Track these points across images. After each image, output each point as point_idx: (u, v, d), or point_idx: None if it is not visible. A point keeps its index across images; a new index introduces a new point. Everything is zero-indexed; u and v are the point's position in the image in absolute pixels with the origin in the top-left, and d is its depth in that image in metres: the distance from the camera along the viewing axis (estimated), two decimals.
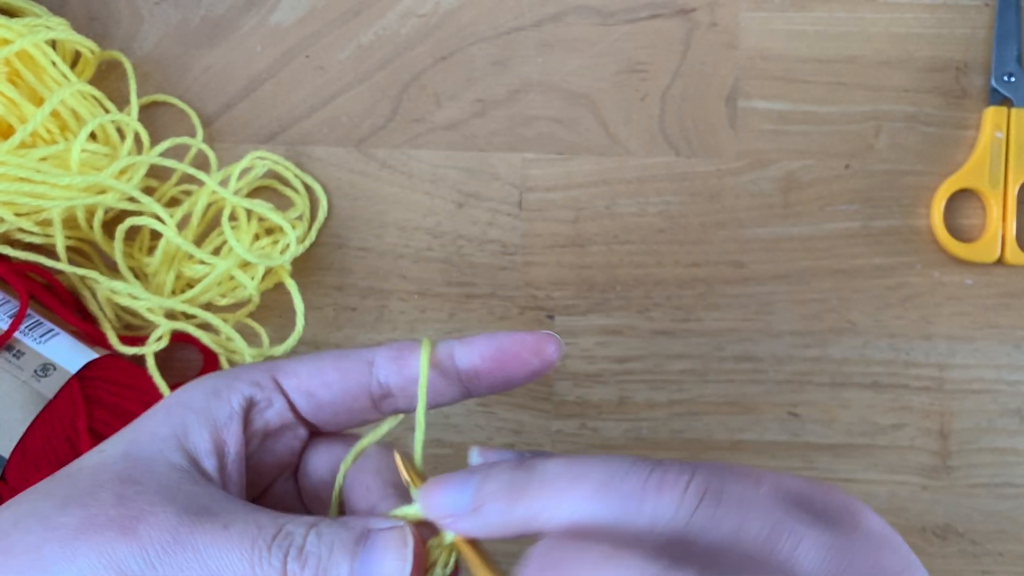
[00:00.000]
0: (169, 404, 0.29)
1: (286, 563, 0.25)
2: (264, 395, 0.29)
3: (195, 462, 0.28)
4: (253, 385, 0.29)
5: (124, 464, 0.27)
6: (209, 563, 0.25)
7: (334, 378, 0.29)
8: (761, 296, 0.48)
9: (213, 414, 0.28)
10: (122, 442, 0.28)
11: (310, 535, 0.26)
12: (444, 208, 0.48)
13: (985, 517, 0.46)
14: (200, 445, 0.28)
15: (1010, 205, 0.47)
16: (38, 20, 0.45)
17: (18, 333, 0.42)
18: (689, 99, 0.49)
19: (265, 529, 0.25)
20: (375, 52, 0.49)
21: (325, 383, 0.30)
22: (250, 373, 0.30)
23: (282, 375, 0.30)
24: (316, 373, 0.30)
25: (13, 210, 0.43)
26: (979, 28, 0.49)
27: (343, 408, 0.30)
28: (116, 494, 0.26)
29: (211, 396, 0.29)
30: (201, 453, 0.28)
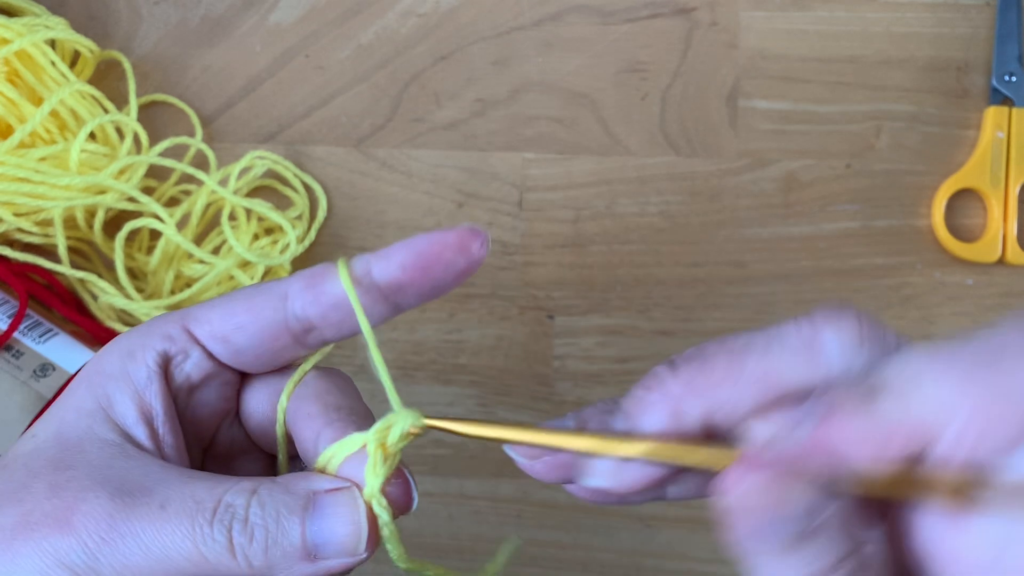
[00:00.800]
0: (89, 374, 0.27)
1: (231, 537, 0.24)
2: (178, 347, 0.28)
3: (125, 433, 0.26)
4: (165, 339, 0.27)
5: (56, 448, 0.26)
6: (152, 548, 0.24)
7: (247, 319, 0.27)
8: (762, 296, 0.47)
9: (132, 378, 0.27)
10: (52, 422, 0.27)
11: (252, 505, 0.24)
12: (444, 208, 0.48)
13: None
14: (127, 414, 0.27)
15: (1011, 205, 0.47)
16: (37, 20, 0.45)
17: (17, 333, 0.42)
18: (689, 99, 0.49)
19: (203, 504, 0.24)
20: (375, 52, 0.49)
21: (238, 326, 0.27)
22: (161, 326, 0.28)
23: (193, 323, 0.28)
24: (227, 317, 0.27)
25: (12, 210, 0.43)
26: (980, 28, 0.49)
27: (264, 350, 0.28)
28: (49, 484, 0.25)
29: (126, 358, 0.27)
30: (129, 423, 0.27)
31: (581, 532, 0.47)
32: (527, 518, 0.47)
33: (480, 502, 0.47)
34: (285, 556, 0.24)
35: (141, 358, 0.27)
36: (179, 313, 0.28)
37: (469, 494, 0.47)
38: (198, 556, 0.24)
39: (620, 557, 0.48)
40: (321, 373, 0.29)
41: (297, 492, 0.25)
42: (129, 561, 0.24)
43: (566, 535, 0.47)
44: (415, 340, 0.47)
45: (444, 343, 0.47)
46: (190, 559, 0.24)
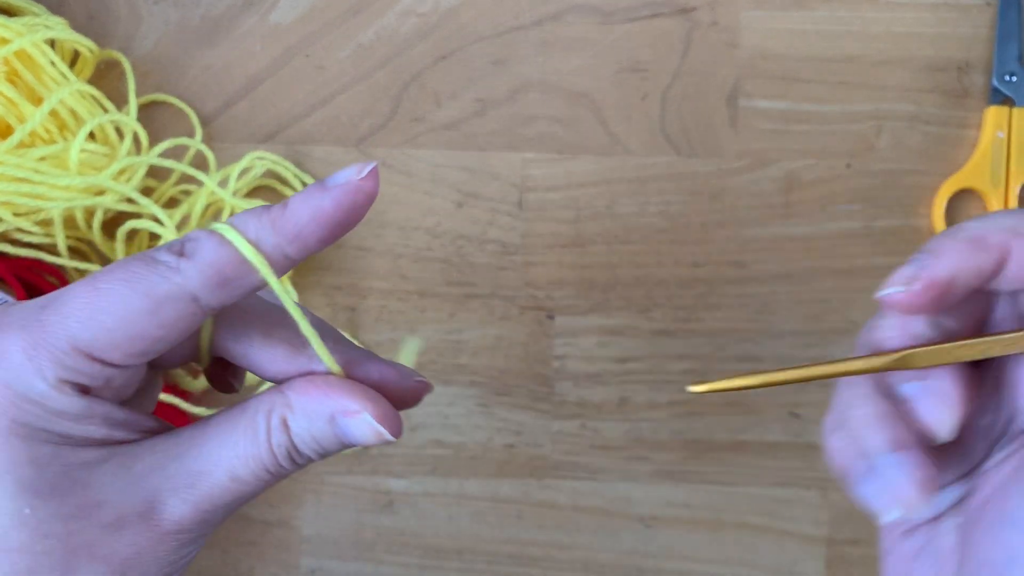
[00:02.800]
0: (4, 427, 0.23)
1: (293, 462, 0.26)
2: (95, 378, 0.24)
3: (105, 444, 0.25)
4: (73, 373, 0.24)
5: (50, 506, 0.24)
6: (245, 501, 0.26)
7: (162, 334, 0.24)
8: (762, 296, 0.47)
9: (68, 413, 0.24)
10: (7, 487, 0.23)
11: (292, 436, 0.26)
12: (444, 208, 0.48)
13: None
14: (91, 432, 0.25)
15: (1011, 205, 0.47)
16: (37, 19, 0.45)
17: None
18: (690, 98, 0.48)
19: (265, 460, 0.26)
20: (375, 51, 0.49)
21: (156, 340, 0.24)
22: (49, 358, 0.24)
23: (97, 352, 0.24)
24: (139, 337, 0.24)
25: (12, 210, 0.43)
26: (980, 27, 0.48)
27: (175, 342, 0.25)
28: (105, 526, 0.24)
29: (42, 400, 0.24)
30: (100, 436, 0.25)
31: (581, 532, 0.47)
32: (527, 518, 0.47)
33: (480, 502, 0.47)
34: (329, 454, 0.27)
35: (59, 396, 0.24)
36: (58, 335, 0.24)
37: (469, 494, 0.47)
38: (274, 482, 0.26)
39: (620, 557, 0.48)
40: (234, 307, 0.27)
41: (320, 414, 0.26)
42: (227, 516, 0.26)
43: (566, 535, 0.47)
44: None
45: (444, 343, 0.47)
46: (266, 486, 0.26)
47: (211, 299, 0.24)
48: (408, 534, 0.47)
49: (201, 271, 0.24)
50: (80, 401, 0.24)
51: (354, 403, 0.26)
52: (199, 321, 0.25)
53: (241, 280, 0.25)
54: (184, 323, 0.24)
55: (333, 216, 0.25)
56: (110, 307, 0.24)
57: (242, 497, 0.26)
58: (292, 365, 0.27)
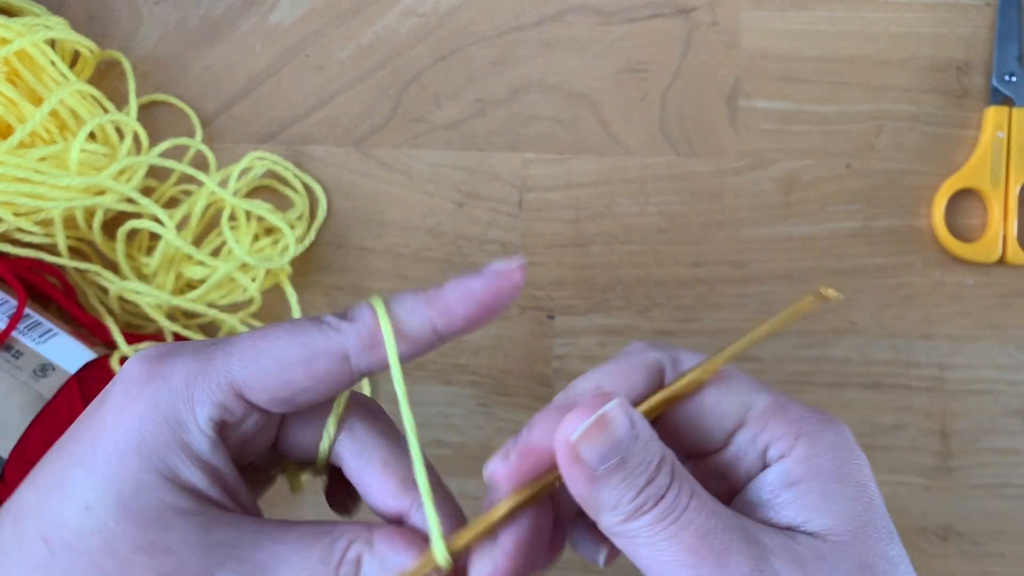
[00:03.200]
0: (135, 445, 0.25)
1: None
2: (235, 416, 0.26)
3: (201, 498, 0.25)
4: (219, 408, 0.26)
5: (134, 528, 0.24)
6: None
7: (311, 385, 0.26)
8: (762, 296, 0.47)
9: (193, 447, 0.25)
10: (106, 495, 0.25)
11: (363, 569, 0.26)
12: (444, 208, 0.48)
13: (986, 517, 0.46)
14: (196, 480, 0.25)
15: (1011, 205, 0.47)
16: (37, 19, 0.45)
17: (17, 333, 0.42)
18: (689, 99, 0.48)
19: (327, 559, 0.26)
20: (375, 52, 0.49)
21: (303, 390, 0.26)
22: (207, 391, 0.26)
23: (248, 392, 0.26)
24: (289, 384, 0.26)
25: (12, 210, 0.43)
26: (980, 28, 0.48)
27: (317, 400, 0.28)
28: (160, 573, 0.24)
29: (177, 428, 0.25)
30: (202, 487, 0.25)
31: None
32: None
33: (480, 502, 0.47)
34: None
35: (198, 429, 0.26)
36: (221, 370, 0.26)
37: (469, 494, 0.47)
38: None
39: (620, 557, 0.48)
40: (362, 417, 0.29)
41: (395, 566, 0.26)
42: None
43: None
44: None
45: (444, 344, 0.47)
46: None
47: (360, 361, 0.27)
48: None
49: (356, 332, 0.27)
50: (211, 441, 0.26)
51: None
52: (346, 382, 0.27)
53: (383, 344, 0.27)
54: (332, 379, 0.26)
55: (481, 297, 0.27)
56: (271, 352, 0.26)
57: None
58: (395, 501, 0.28)
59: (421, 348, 0.28)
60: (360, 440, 0.28)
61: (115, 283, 0.45)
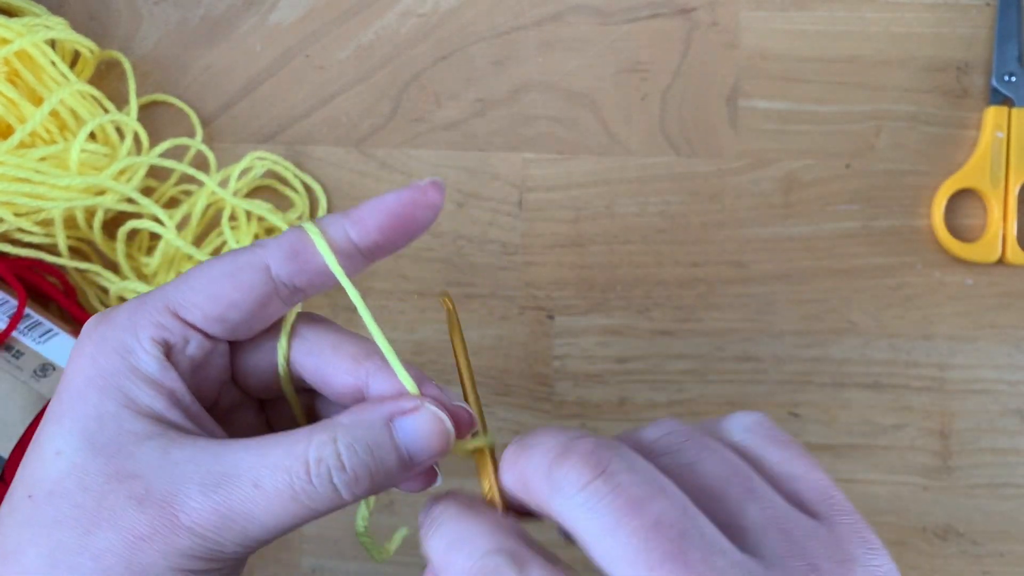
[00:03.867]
0: (89, 378, 0.27)
1: (335, 485, 0.25)
2: (176, 336, 0.28)
3: (162, 421, 0.26)
4: (160, 329, 0.27)
5: (101, 460, 0.26)
6: (265, 520, 0.25)
7: (237, 297, 0.28)
8: (762, 296, 0.47)
9: (143, 370, 0.27)
10: (71, 436, 0.26)
11: (341, 451, 0.26)
12: (444, 208, 0.48)
13: (986, 517, 0.46)
14: (154, 403, 0.26)
15: (1011, 205, 0.47)
16: (37, 19, 0.45)
17: (17, 333, 0.42)
18: (689, 99, 0.49)
19: (294, 470, 0.25)
20: (375, 52, 0.49)
21: (231, 304, 0.28)
22: (147, 315, 0.27)
23: (182, 310, 0.27)
24: (216, 298, 0.27)
25: (12, 210, 0.43)
26: (980, 28, 0.49)
27: (256, 319, 0.28)
28: (128, 499, 0.25)
29: (125, 354, 0.27)
30: (161, 409, 0.27)
31: None
32: None
33: None
34: (387, 475, 0.26)
35: (143, 351, 0.27)
36: (157, 298, 0.28)
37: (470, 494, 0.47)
38: (308, 510, 0.26)
39: None
40: (309, 322, 0.30)
41: (375, 421, 0.26)
42: (248, 535, 0.25)
43: None
44: (415, 340, 0.47)
45: (444, 343, 0.47)
46: (301, 514, 0.26)
47: (281, 271, 0.28)
48: (408, 534, 0.47)
49: (277, 245, 0.28)
50: (158, 361, 0.27)
51: (412, 401, 0.27)
52: (271, 295, 0.28)
53: (308, 257, 0.28)
54: (257, 291, 0.28)
55: (392, 207, 0.28)
56: (198, 273, 0.28)
57: (264, 513, 0.25)
58: (351, 376, 0.28)
59: (345, 260, 0.28)
60: (309, 339, 0.29)
61: (115, 283, 0.45)
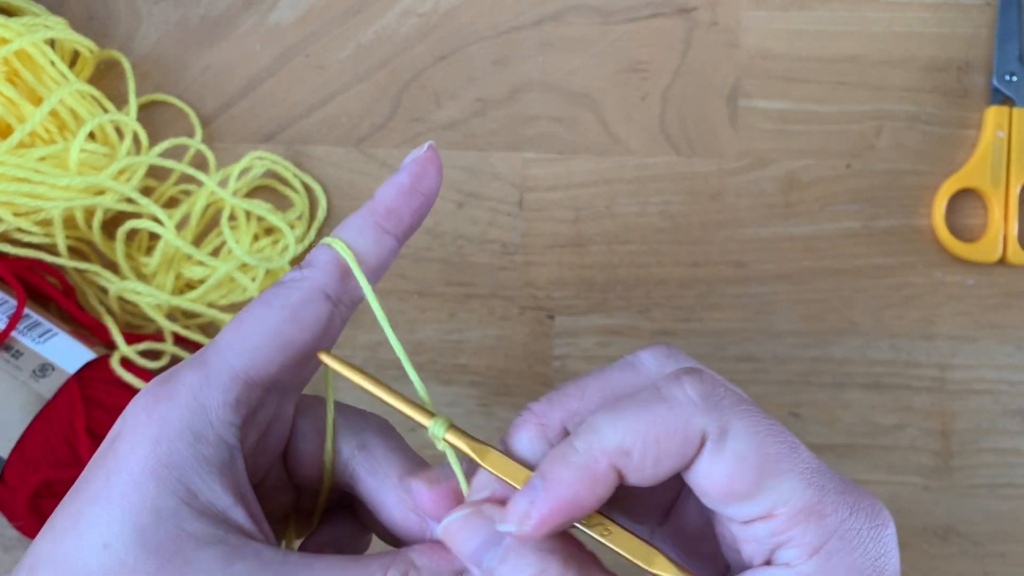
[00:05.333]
0: (148, 466, 0.24)
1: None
2: (252, 407, 0.26)
3: (223, 523, 0.24)
4: (236, 407, 0.25)
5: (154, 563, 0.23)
6: None
7: (307, 337, 0.26)
8: (762, 296, 0.47)
9: (213, 461, 0.24)
10: (123, 528, 0.23)
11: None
12: (444, 208, 0.48)
13: (987, 517, 0.46)
14: (218, 501, 0.24)
15: (1012, 205, 0.47)
16: (37, 19, 0.45)
17: (17, 333, 0.42)
18: (690, 98, 0.48)
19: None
20: (375, 51, 0.49)
21: (303, 345, 0.26)
22: (216, 393, 0.25)
23: (256, 374, 0.26)
24: (288, 346, 0.26)
25: (12, 210, 0.43)
26: (981, 27, 0.48)
27: (322, 346, 0.27)
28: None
29: (195, 442, 0.24)
30: (224, 507, 0.24)
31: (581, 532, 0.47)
32: None
33: None
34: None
35: (217, 436, 0.25)
36: (220, 366, 0.25)
37: None
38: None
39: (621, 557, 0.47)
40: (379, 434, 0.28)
41: (446, 573, 0.26)
42: None
43: None
44: (415, 340, 0.47)
45: (444, 343, 0.47)
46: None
47: (339, 291, 0.27)
48: None
49: (323, 269, 0.27)
50: (230, 448, 0.25)
51: (487, 552, 0.26)
52: (335, 320, 0.27)
53: (352, 278, 0.27)
54: (323, 322, 0.27)
55: (411, 186, 0.28)
56: (256, 327, 0.26)
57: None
58: (417, 517, 0.27)
59: (385, 255, 0.28)
60: (375, 457, 0.28)
61: (115, 283, 0.45)
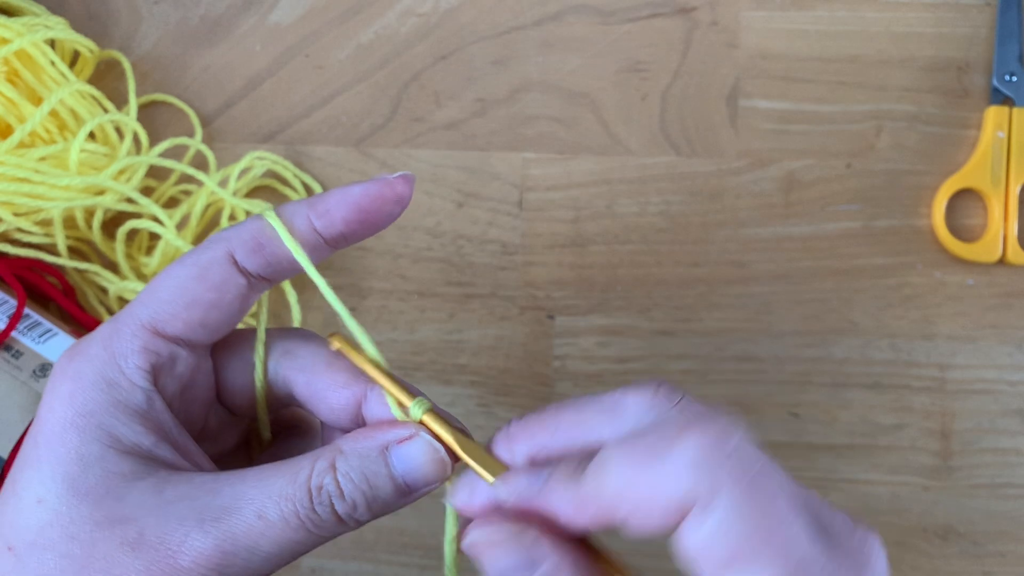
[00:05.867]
0: (69, 417, 0.25)
1: (336, 512, 0.25)
2: (164, 356, 0.26)
3: (150, 459, 0.25)
4: (146, 353, 0.26)
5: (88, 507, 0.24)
6: (270, 551, 0.25)
7: (214, 297, 0.27)
8: (762, 296, 0.47)
9: (128, 404, 0.25)
10: (53, 482, 0.24)
11: (340, 479, 0.25)
12: (444, 208, 0.48)
13: (986, 518, 0.46)
14: (141, 441, 0.25)
15: (1011, 205, 0.47)
16: (37, 19, 0.45)
17: (17, 333, 0.42)
18: (690, 98, 0.48)
19: (298, 497, 0.25)
20: (374, 51, 0.49)
21: (210, 305, 0.27)
22: (125, 342, 0.26)
23: (162, 324, 0.26)
24: (194, 304, 0.26)
25: (12, 210, 0.43)
26: (980, 27, 0.48)
27: (233, 316, 0.28)
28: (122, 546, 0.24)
29: (109, 388, 0.25)
30: (148, 446, 0.25)
31: None
32: None
33: None
34: (385, 504, 0.26)
35: (129, 382, 0.26)
36: (130, 319, 0.26)
37: None
38: (313, 537, 0.25)
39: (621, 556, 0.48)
40: (301, 340, 0.29)
41: (371, 450, 0.26)
42: (251, 569, 0.25)
43: None
44: (415, 340, 0.47)
45: (444, 343, 0.47)
46: (306, 541, 0.25)
47: (248, 262, 0.27)
48: (408, 534, 0.47)
49: (239, 235, 0.27)
50: (145, 392, 0.26)
51: (407, 429, 0.27)
52: (245, 287, 0.27)
53: (274, 248, 0.27)
54: (230, 285, 0.27)
55: (359, 201, 0.27)
56: (165, 283, 0.27)
57: (269, 543, 0.25)
58: (348, 391, 0.28)
59: (308, 249, 0.28)
60: (301, 356, 0.29)
61: (115, 283, 0.45)
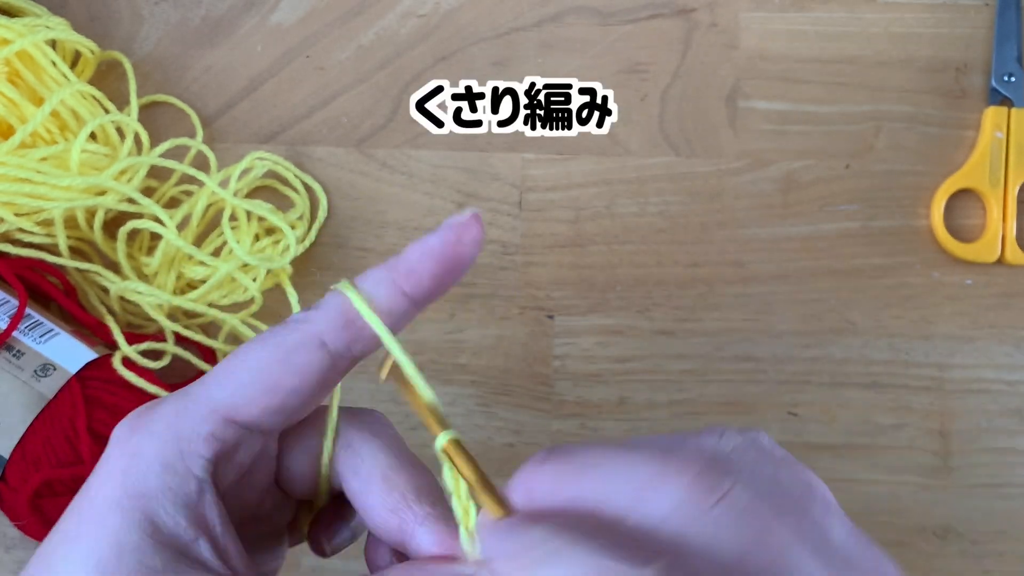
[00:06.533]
0: (116, 498, 0.23)
1: None
2: (229, 444, 0.25)
3: (185, 557, 0.23)
4: (210, 441, 0.24)
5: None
6: None
7: (296, 383, 0.25)
8: (761, 296, 0.48)
9: (177, 493, 0.24)
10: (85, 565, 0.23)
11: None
12: (444, 208, 0.48)
13: (985, 517, 0.46)
14: (181, 533, 0.23)
15: (1010, 205, 0.47)
16: (38, 20, 0.45)
17: (18, 333, 0.42)
18: (689, 99, 0.49)
19: None
20: (375, 52, 0.49)
21: (291, 392, 0.25)
22: (193, 425, 0.24)
23: (236, 412, 0.25)
24: (274, 389, 0.25)
25: (13, 210, 0.43)
26: (979, 28, 0.49)
27: (313, 401, 0.26)
28: None
29: (164, 473, 0.24)
30: (187, 541, 0.24)
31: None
32: None
33: None
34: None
35: (185, 468, 0.24)
36: (202, 400, 0.25)
37: None
38: None
39: None
40: (365, 431, 0.28)
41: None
42: None
43: None
44: (415, 340, 0.47)
45: (444, 343, 0.47)
46: None
47: (337, 342, 0.25)
48: None
49: (326, 316, 0.25)
50: (199, 482, 0.24)
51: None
52: (330, 372, 0.25)
53: (364, 323, 0.26)
54: (315, 371, 0.25)
55: (442, 252, 0.26)
56: (246, 364, 0.25)
57: None
58: (394, 516, 0.26)
59: (398, 317, 0.26)
60: (359, 455, 0.27)
61: (116, 283, 0.45)
